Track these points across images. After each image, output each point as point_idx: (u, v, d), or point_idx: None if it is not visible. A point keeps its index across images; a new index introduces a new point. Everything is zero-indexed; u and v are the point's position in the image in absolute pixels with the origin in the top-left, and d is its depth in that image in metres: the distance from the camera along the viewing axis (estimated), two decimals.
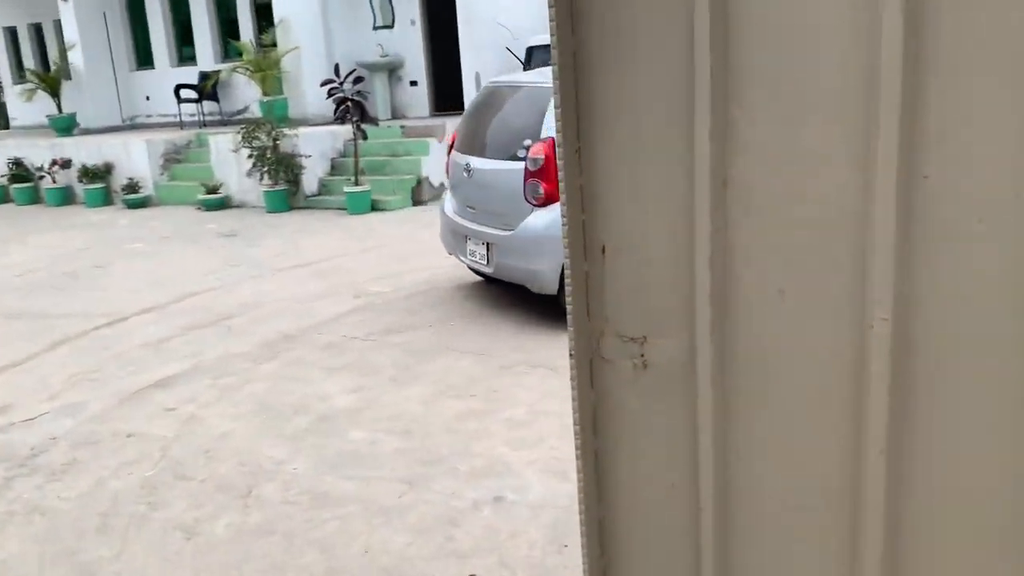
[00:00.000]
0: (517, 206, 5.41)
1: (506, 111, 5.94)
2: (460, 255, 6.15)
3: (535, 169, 5.28)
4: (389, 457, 3.83)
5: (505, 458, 3.74)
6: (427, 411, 4.31)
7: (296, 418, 4.34)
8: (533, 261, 5.36)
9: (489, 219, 5.70)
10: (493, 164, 5.68)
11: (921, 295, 1.35)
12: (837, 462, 1.49)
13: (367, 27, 13.93)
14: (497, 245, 5.60)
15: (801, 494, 1.54)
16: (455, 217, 6.13)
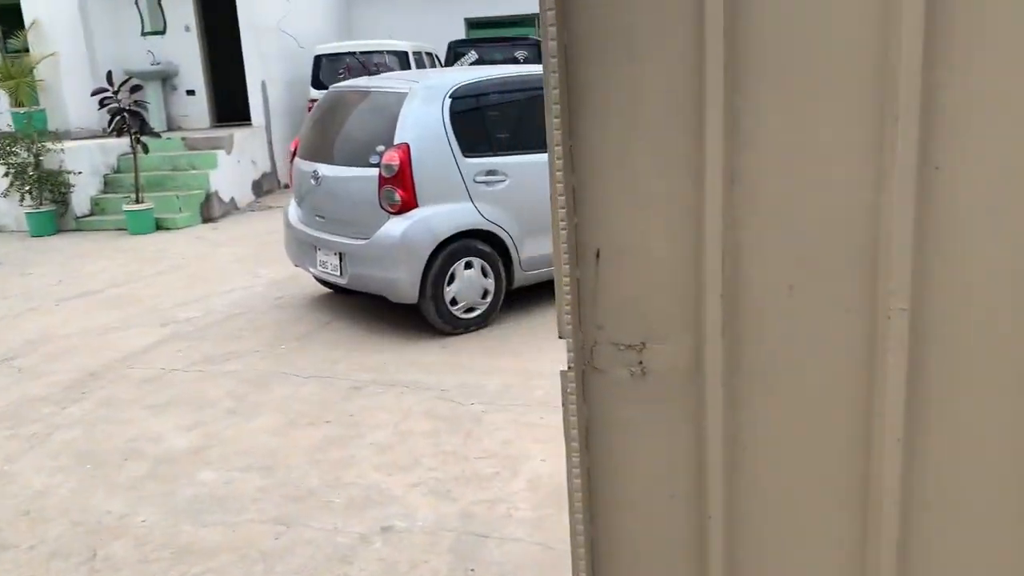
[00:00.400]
0: (372, 214, 5.22)
1: (355, 117, 5.78)
2: (309, 266, 5.85)
3: (390, 176, 5.12)
4: (252, 497, 3.50)
5: (381, 485, 3.54)
6: (282, 443, 3.99)
7: (128, 464, 3.86)
8: (391, 270, 5.19)
9: (341, 228, 5.47)
10: (344, 171, 5.47)
11: (936, 284, 1.39)
12: (849, 455, 1.50)
13: (135, 33, 12.85)
14: (351, 255, 5.36)
15: (812, 491, 1.54)
16: (302, 227, 5.83)
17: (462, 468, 3.64)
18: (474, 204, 5.31)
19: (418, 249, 5.15)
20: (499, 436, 3.93)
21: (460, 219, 5.26)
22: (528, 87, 5.79)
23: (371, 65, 12.24)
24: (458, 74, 5.67)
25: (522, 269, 5.56)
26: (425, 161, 5.16)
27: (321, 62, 12.31)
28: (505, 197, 5.41)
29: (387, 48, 12.38)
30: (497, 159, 5.43)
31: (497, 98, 5.73)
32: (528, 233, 5.49)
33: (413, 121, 5.19)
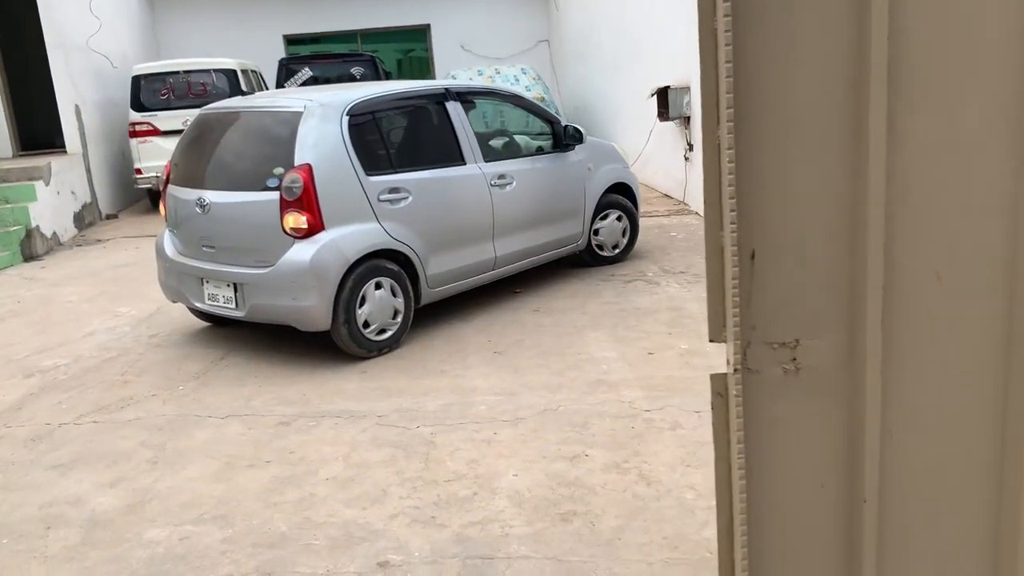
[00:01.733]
0: (273, 240, 4.94)
1: (238, 139, 5.44)
2: (193, 301, 5.45)
3: (292, 199, 4.86)
4: (219, 550, 3.22)
5: (358, 520, 3.38)
6: (228, 489, 3.70)
7: (54, 533, 3.43)
8: (301, 297, 4.92)
9: (236, 257, 5.14)
10: (237, 196, 5.13)
11: None
12: (993, 437, 1.63)
13: None
14: (250, 285, 5.05)
15: (958, 472, 1.65)
16: (182, 259, 5.44)
17: (436, 493, 3.55)
18: (380, 223, 5.17)
19: (329, 273, 4.93)
20: (461, 456, 3.86)
21: (368, 239, 5.10)
22: (423, 102, 5.76)
23: (197, 85, 11.61)
24: (351, 91, 5.44)
25: (429, 287, 5.48)
26: (328, 181, 4.95)
27: (140, 83, 11.51)
28: (409, 214, 5.31)
29: (213, 66, 11.77)
30: (399, 176, 5.32)
31: (395, 114, 5.68)
32: (433, 250, 5.44)
33: (313, 140, 4.95)
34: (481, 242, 5.77)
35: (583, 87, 14.08)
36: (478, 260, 5.78)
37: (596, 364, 4.88)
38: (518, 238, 6.04)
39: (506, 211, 5.90)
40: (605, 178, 6.77)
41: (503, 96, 6.84)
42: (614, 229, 6.96)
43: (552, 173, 6.34)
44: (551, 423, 4.14)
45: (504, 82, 11.85)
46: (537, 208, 6.16)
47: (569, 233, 6.51)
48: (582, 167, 6.55)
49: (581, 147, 6.55)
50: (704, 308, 5.49)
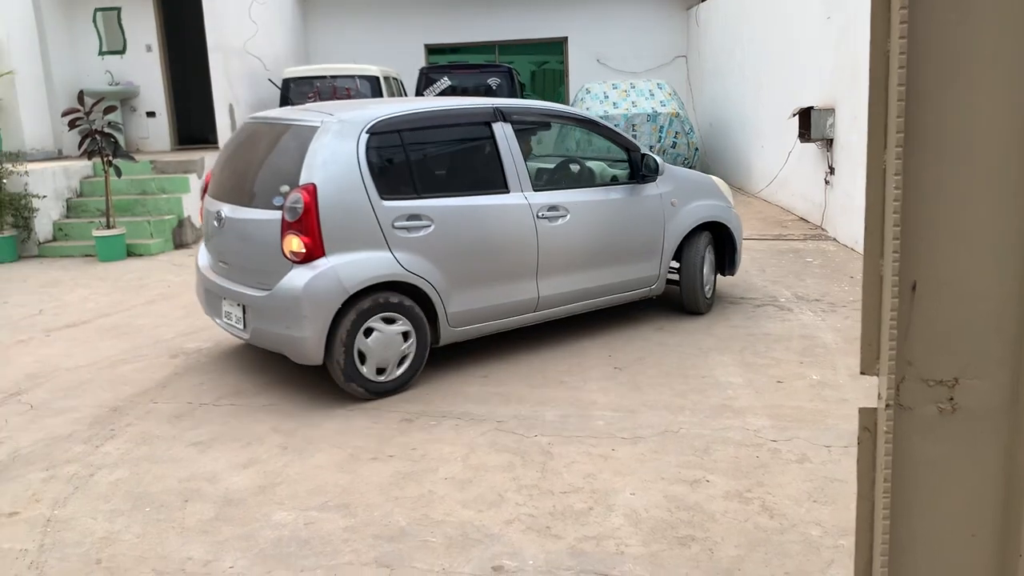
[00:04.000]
0: (275, 262, 4.63)
1: (265, 153, 5.07)
2: (215, 317, 5.26)
3: (293, 220, 4.51)
4: (341, 538, 3.33)
5: (475, 522, 3.42)
6: (352, 479, 3.82)
7: (191, 506, 3.64)
8: (293, 326, 4.57)
9: (244, 276, 4.91)
10: (248, 213, 4.84)
11: None
12: None
13: (92, 52, 12.41)
14: (252, 307, 4.77)
15: None
16: (208, 273, 5.29)
17: (552, 503, 3.55)
18: (392, 252, 4.70)
19: (323, 304, 4.52)
20: (577, 469, 3.85)
21: (374, 270, 4.64)
22: (462, 122, 5.23)
23: (341, 90, 12.08)
24: (381, 107, 4.98)
25: (450, 325, 4.97)
26: (334, 204, 4.55)
27: (290, 85, 12.09)
28: (429, 245, 4.81)
29: (357, 73, 12.23)
30: (421, 202, 4.82)
31: (426, 134, 5.09)
32: (458, 285, 4.93)
33: (323, 159, 4.58)
34: (521, 280, 5.18)
35: (719, 104, 13.84)
36: (516, 299, 5.19)
37: (721, 388, 4.77)
38: (571, 278, 5.42)
39: (555, 247, 5.27)
40: (693, 216, 5.98)
41: (569, 119, 6.14)
42: (709, 269, 6.25)
43: (621, 207, 5.64)
44: (671, 445, 4.08)
45: (639, 96, 11.79)
46: (597, 245, 5.50)
47: (639, 276, 5.78)
48: (662, 202, 5.82)
49: (665, 179, 5.86)
50: (840, 339, 5.33)
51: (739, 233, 6.35)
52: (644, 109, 11.47)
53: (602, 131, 5.89)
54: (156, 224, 9.86)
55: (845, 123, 8.37)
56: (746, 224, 9.77)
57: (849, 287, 6.86)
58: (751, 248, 8.46)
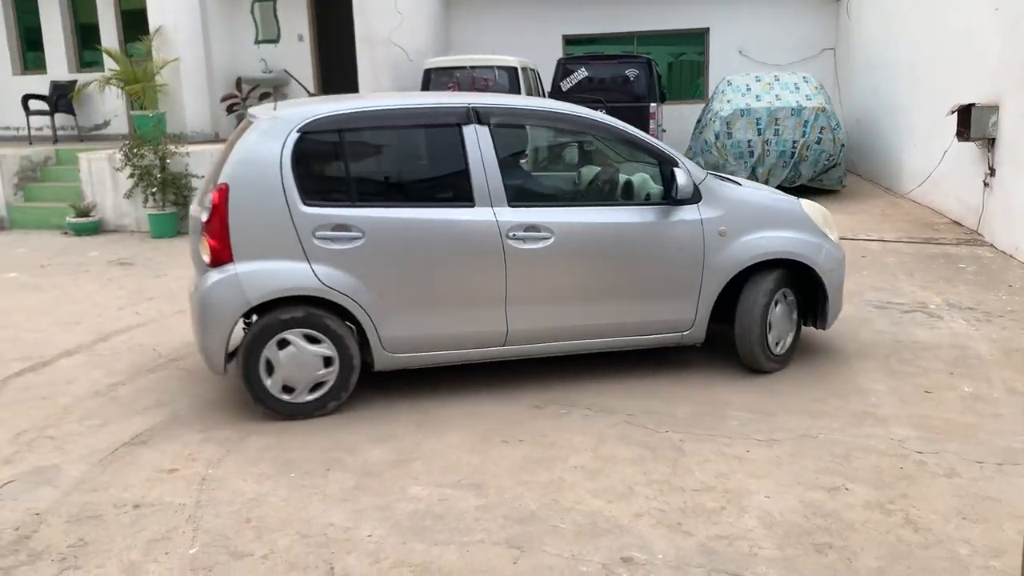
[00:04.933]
0: (200, 264, 4.46)
1: (226, 149, 4.75)
2: None
3: (205, 220, 4.29)
4: (472, 516, 3.42)
5: (605, 512, 3.43)
6: (484, 460, 3.91)
7: (332, 475, 3.81)
8: (197, 332, 4.43)
9: (195, 276, 4.72)
10: (194, 211, 4.68)
11: None
12: None
13: (249, 40, 13.12)
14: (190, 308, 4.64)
15: None
16: None
17: (683, 500, 3.52)
18: (310, 264, 4.26)
19: (222, 313, 4.25)
20: (710, 468, 3.79)
21: (285, 282, 4.25)
22: (424, 123, 4.69)
23: (480, 81, 12.28)
24: (326, 104, 4.59)
25: (386, 350, 4.45)
26: (246, 207, 4.24)
27: (431, 76, 12.37)
28: (358, 259, 4.31)
29: (496, 63, 12.39)
30: (351, 211, 4.32)
31: (375, 135, 4.64)
32: (396, 307, 4.40)
33: (241, 158, 4.31)
34: (483, 308, 4.50)
35: (869, 99, 13.22)
36: (476, 329, 4.52)
37: (863, 395, 4.58)
38: (557, 312, 4.60)
39: (532, 274, 4.49)
40: (753, 250, 4.74)
41: (571, 122, 5.05)
42: (781, 319, 4.90)
43: (634, 232, 4.63)
44: (809, 450, 3.95)
45: (783, 90, 11.42)
46: (594, 276, 4.63)
47: (664, 318, 4.75)
48: (702, 230, 4.67)
49: (711, 201, 4.71)
50: (997, 351, 5.05)
51: (835, 274, 4.98)
52: (788, 103, 11.09)
53: (620, 137, 4.86)
54: None
55: (1010, 121, 7.83)
56: (894, 226, 9.32)
57: (1007, 296, 6.44)
58: (898, 251, 8.07)
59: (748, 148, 11.13)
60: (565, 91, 12.34)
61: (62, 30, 13.95)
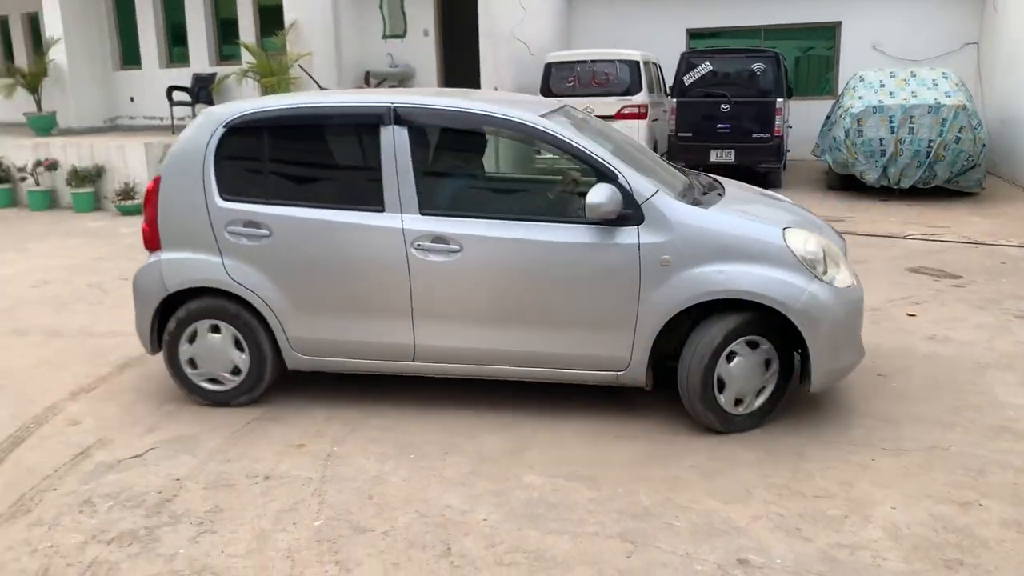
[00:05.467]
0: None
1: None
2: None
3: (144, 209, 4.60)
4: (586, 508, 3.44)
5: (720, 512, 3.39)
6: (598, 454, 3.93)
7: (450, 458, 3.91)
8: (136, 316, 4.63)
9: None
10: None
11: None
12: None
13: (376, 35, 13.50)
14: None
15: None
16: None
17: (803, 505, 3.43)
18: (222, 258, 4.35)
19: (147, 297, 4.50)
20: (832, 475, 3.68)
21: (197, 273, 4.39)
22: (343, 122, 4.53)
23: (601, 75, 12.23)
24: (257, 101, 4.63)
25: (294, 350, 4.42)
26: (173, 198, 4.43)
27: (551, 70, 12.41)
28: (265, 256, 4.32)
29: (618, 57, 12.31)
30: (260, 208, 4.33)
31: (297, 133, 4.55)
32: (303, 308, 4.34)
33: (174, 151, 4.51)
34: (389, 320, 4.27)
35: (1015, 98, 12.44)
36: (383, 341, 4.31)
37: (1000, 408, 4.34)
38: (471, 332, 4.22)
39: (438, 288, 4.19)
40: (699, 286, 3.93)
41: (498, 126, 4.43)
42: (745, 373, 4.05)
43: (556, 252, 4.06)
44: (939, 462, 3.78)
45: (919, 86, 10.88)
46: (510, 297, 4.14)
47: (593, 353, 4.13)
48: (640, 256, 3.96)
49: (657, 224, 3.96)
50: None
51: (824, 324, 3.94)
52: (925, 100, 10.56)
53: (556, 146, 4.18)
54: None
55: None
56: None
57: None
58: None
59: (880, 147, 10.66)
60: (688, 85, 12.15)
61: (204, 26, 14.73)
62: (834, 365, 4.08)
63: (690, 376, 4.01)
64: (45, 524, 3.40)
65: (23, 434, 4.29)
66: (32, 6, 15.94)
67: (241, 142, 4.45)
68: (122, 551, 3.20)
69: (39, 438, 4.24)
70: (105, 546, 3.24)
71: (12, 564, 3.13)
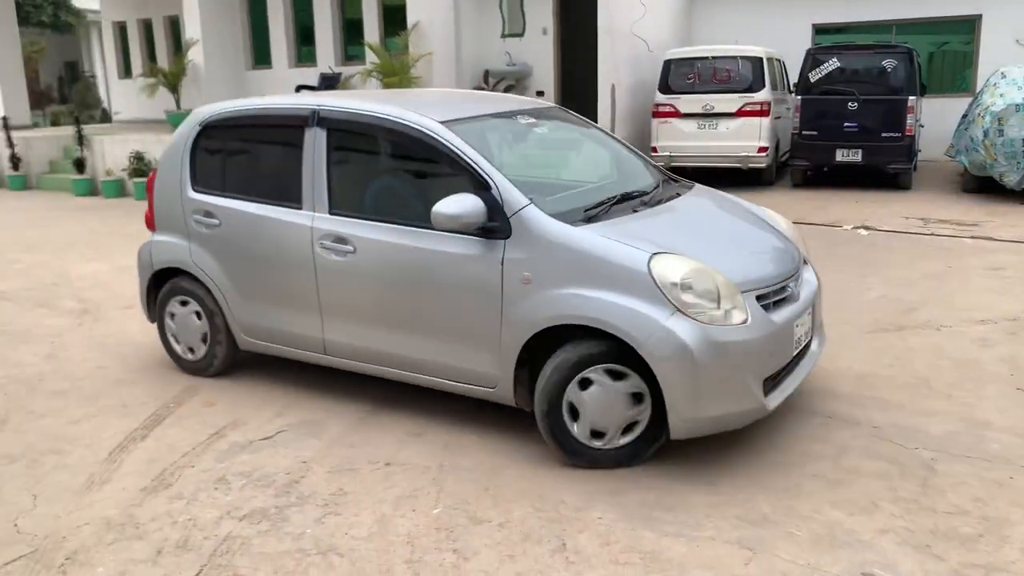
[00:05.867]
0: None
1: None
2: None
3: None
4: (703, 512, 3.40)
5: (843, 524, 3.29)
6: (715, 457, 3.86)
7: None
8: None
9: None
10: None
11: None
12: None
13: (495, 34, 13.65)
14: None
15: None
16: None
17: (933, 522, 3.29)
18: (189, 243, 4.93)
19: (143, 272, 5.24)
20: (965, 492, 3.51)
21: (171, 253, 5.03)
22: (279, 123, 4.74)
23: (722, 71, 11.99)
24: (231, 103, 5.07)
25: (242, 333, 4.84)
26: (162, 187, 5.08)
27: (670, 67, 12.25)
28: (216, 243, 4.81)
29: (740, 54, 12.04)
30: (213, 200, 4.82)
31: (250, 132, 4.94)
32: (246, 294, 4.75)
33: (168, 145, 5.15)
34: (304, 313, 4.50)
35: None
36: (300, 332, 4.55)
37: None
38: (366, 333, 4.30)
39: (340, 287, 4.33)
40: (552, 308, 3.70)
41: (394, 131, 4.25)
42: (602, 404, 3.70)
43: (437, 261, 3.98)
44: None
45: None
46: (392, 303, 4.19)
47: (463, 366, 4.04)
48: (503, 271, 3.81)
49: (523, 239, 3.77)
50: None
51: (677, 364, 3.49)
52: None
53: (441, 153, 4.04)
54: None
55: None
56: None
57: None
58: None
59: (1022, 147, 10.04)
60: (813, 82, 11.76)
61: (331, 26, 15.26)
62: (697, 413, 3.57)
63: (539, 400, 3.78)
64: (184, 498, 3.62)
65: (164, 412, 4.57)
66: (173, 10, 16.88)
67: (210, 139, 4.95)
68: (253, 528, 3.37)
69: (178, 417, 4.51)
70: (238, 522, 3.42)
71: (156, 533, 3.35)
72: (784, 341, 3.80)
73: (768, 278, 3.86)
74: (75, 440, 4.26)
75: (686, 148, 12.02)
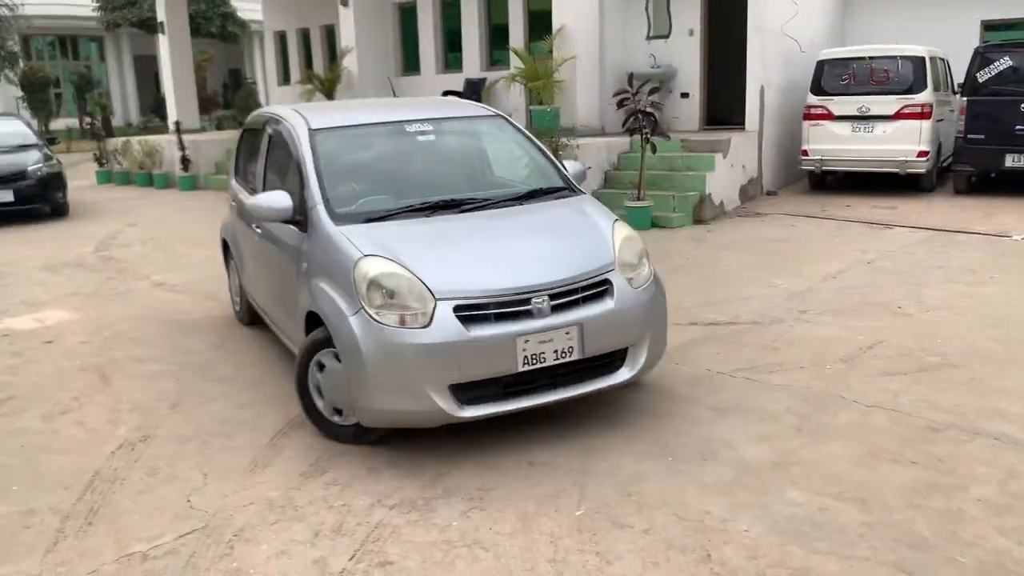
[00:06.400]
0: None
1: None
2: None
3: None
4: (856, 532, 3.27)
5: (1014, 554, 3.09)
6: (870, 476, 3.71)
7: (708, 466, 3.87)
8: None
9: None
10: None
11: None
12: None
13: (640, 37, 13.54)
14: None
15: None
16: None
17: None
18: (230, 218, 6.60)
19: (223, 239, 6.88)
20: None
21: (224, 227, 6.85)
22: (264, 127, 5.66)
23: (880, 72, 11.44)
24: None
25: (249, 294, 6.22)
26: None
27: (824, 67, 11.79)
28: (233, 220, 6.38)
29: (900, 53, 11.45)
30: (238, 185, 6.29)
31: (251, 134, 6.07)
32: (243, 265, 6.24)
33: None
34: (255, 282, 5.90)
35: None
36: (266, 301, 5.57)
37: None
38: (269, 301, 5.47)
39: (256, 262, 5.65)
40: (308, 296, 4.28)
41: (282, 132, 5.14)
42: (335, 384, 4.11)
43: (284, 248, 4.80)
44: None
45: None
46: (269, 278, 5.39)
47: (295, 335, 4.73)
48: (299, 258, 4.47)
49: (312, 233, 4.36)
50: None
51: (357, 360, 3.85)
52: None
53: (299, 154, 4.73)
54: (680, 199, 10.48)
55: None
56: None
57: None
58: None
59: None
60: (982, 83, 11.03)
61: (477, 33, 15.57)
62: (371, 405, 3.87)
63: (297, 377, 4.27)
64: (339, 484, 3.81)
65: None
66: (330, 19, 17.67)
67: (245, 138, 6.15)
68: (402, 517, 3.50)
69: None
70: (388, 511, 3.56)
71: (313, 516, 3.54)
72: (486, 354, 3.82)
73: (492, 291, 3.89)
74: (241, 424, 4.55)
75: (838, 152, 11.56)
